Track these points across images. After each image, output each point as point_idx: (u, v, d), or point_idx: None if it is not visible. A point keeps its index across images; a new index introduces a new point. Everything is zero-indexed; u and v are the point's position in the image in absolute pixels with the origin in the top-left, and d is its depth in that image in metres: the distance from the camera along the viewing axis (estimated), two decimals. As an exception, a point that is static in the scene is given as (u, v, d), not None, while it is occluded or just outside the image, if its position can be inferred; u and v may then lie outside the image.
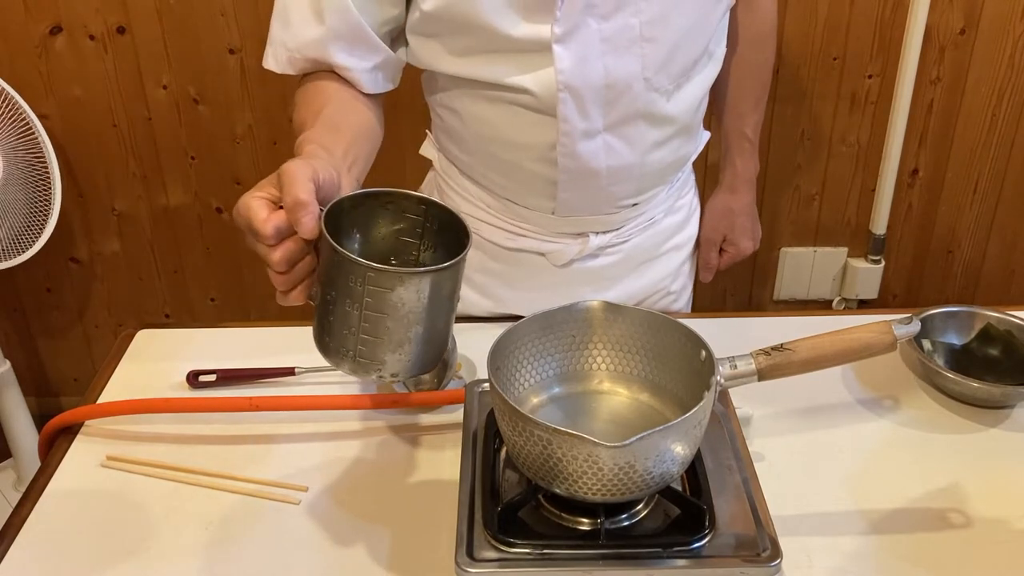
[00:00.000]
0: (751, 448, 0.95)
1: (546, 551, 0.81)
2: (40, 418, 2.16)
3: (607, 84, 1.03)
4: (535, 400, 0.93)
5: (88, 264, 2.21)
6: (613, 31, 1.00)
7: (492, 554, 0.80)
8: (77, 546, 0.89)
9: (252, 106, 2.01)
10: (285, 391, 1.09)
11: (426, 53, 1.07)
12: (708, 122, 1.23)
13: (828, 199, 2.15)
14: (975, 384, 1.03)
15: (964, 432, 1.02)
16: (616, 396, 0.94)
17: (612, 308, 0.93)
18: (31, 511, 0.93)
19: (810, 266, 2.23)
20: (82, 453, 1.00)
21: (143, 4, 1.90)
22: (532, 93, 1.03)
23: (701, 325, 0.89)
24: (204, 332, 1.22)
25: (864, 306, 2.25)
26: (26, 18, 1.91)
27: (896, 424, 1.04)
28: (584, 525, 0.84)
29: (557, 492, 0.81)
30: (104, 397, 1.09)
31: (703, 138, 1.25)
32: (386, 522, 0.90)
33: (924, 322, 1.08)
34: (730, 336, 0.97)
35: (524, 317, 0.91)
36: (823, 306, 2.28)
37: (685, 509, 0.84)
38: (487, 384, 0.91)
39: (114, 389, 1.10)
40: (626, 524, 0.84)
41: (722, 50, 1.15)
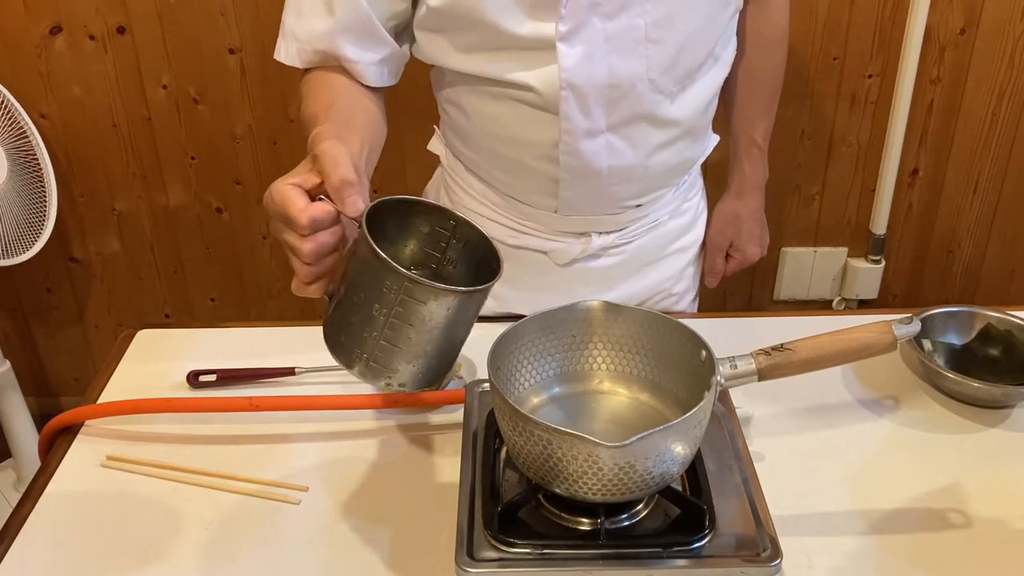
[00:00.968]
0: (751, 448, 0.95)
1: (546, 551, 0.81)
2: (40, 418, 2.16)
3: (610, 84, 1.03)
4: (535, 400, 0.93)
5: (88, 264, 2.21)
6: (618, 31, 1.00)
7: (492, 554, 0.80)
8: (77, 546, 0.89)
9: (252, 106, 2.00)
10: (285, 391, 1.09)
11: (432, 49, 1.07)
12: (718, 126, 1.22)
13: (828, 199, 2.15)
14: (975, 384, 1.03)
15: (964, 432, 1.02)
16: (616, 396, 0.94)
17: (612, 308, 0.93)
18: (31, 511, 0.93)
19: (810, 266, 2.22)
20: (82, 453, 1.00)
21: (143, 4, 1.89)
22: (535, 90, 1.03)
23: (701, 325, 0.89)
24: (204, 332, 1.22)
25: (864, 306, 2.25)
26: (26, 18, 1.90)
27: (896, 424, 1.04)
28: (584, 525, 0.84)
29: (557, 492, 0.81)
30: (104, 397, 1.09)
31: (711, 141, 1.24)
32: (386, 522, 0.90)
33: (924, 322, 1.08)
34: (730, 336, 0.97)
35: (525, 316, 0.91)
36: (823, 306, 2.28)
37: (685, 509, 0.84)
38: (487, 384, 0.91)
39: (114, 389, 1.10)
40: (626, 524, 0.84)
41: (729, 53, 1.15)
